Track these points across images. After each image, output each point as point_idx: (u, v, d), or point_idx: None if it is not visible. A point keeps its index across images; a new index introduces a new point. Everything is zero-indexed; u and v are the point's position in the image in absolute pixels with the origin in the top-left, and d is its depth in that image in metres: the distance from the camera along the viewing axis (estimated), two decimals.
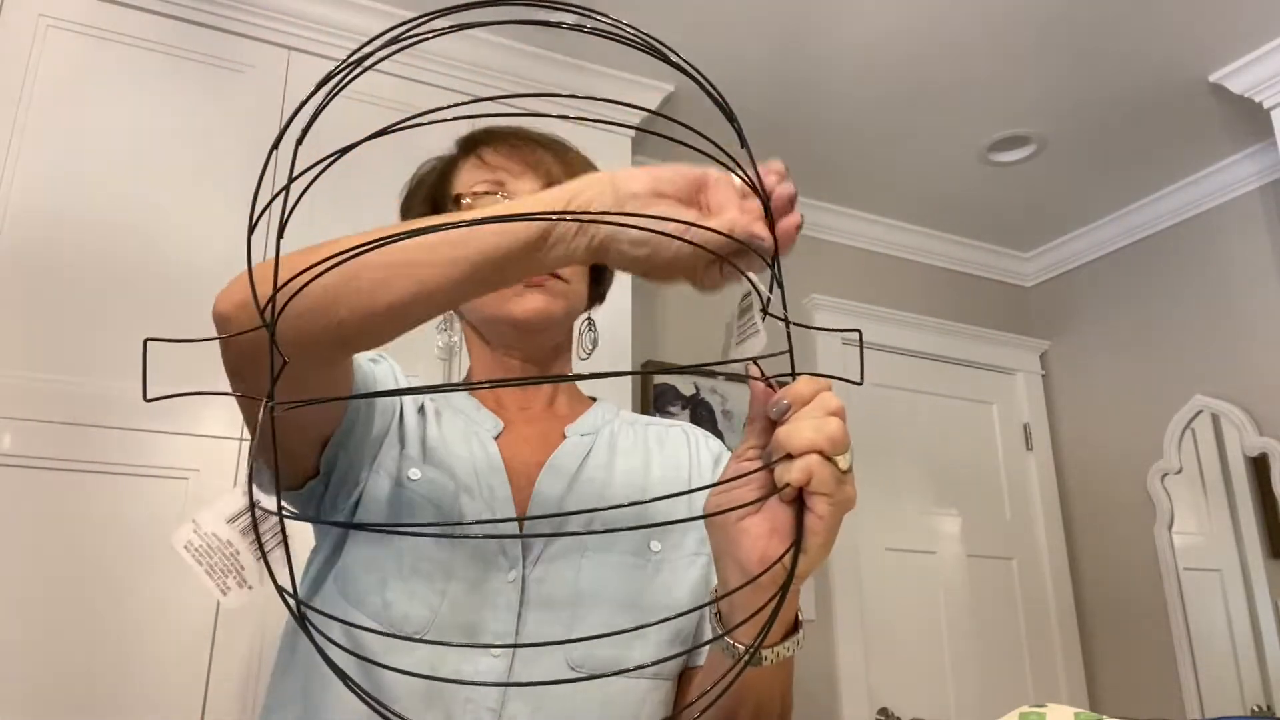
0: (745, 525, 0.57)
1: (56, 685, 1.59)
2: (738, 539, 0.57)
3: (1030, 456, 3.25)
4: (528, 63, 2.34)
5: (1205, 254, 2.89)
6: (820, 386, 0.55)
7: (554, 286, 0.86)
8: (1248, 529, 2.70)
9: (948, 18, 2.25)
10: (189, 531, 0.55)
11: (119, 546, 1.68)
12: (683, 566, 0.83)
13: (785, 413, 0.54)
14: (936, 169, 2.88)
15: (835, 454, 0.53)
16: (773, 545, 0.56)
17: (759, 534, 0.56)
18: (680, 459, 0.92)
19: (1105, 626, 3.04)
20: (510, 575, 0.79)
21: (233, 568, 0.55)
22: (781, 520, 0.55)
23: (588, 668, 0.76)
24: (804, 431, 0.53)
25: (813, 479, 0.52)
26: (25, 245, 1.76)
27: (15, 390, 1.68)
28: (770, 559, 0.55)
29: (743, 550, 0.57)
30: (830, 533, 0.54)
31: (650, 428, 0.95)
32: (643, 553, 0.83)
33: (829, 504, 0.53)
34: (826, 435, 0.53)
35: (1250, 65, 2.35)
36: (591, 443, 0.90)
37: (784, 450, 0.53)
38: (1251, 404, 2.69)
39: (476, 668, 0.75)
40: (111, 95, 1.91)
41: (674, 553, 0.84)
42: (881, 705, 2.73)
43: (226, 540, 0.55)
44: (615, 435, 0.92)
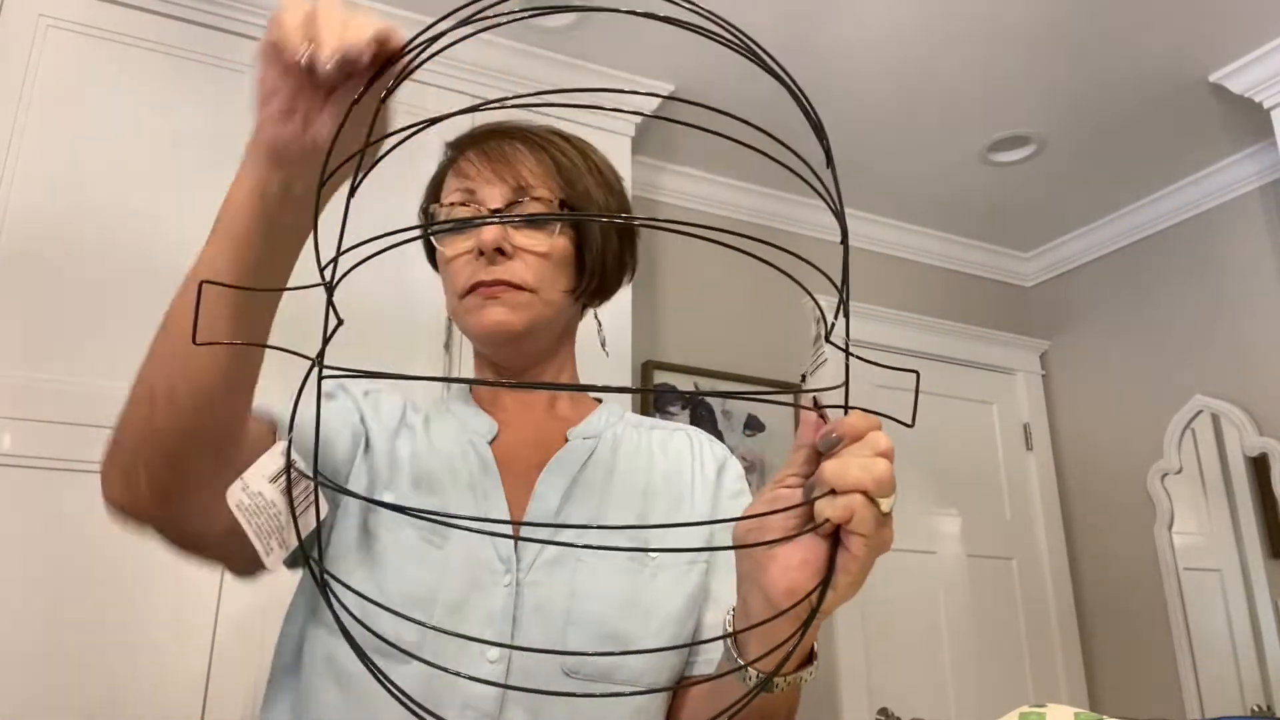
0: (775, 553, 0.56)
1: (56, 686, 1.59)
2: (766, 565, 0.56)
3: (1030, 456, 3.25)
4: (530, 63, 2.34)
5: (1205, 254, 2.89)
6: (872, 424, 0.54)
7: (512, 298, 0.83)
8: (1248, 529, 2.70)
9: (948, 18, 2.25)
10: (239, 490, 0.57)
11: (119, 546, 1.68)
12: (681, 573, 0.83)
13: (835, 446, 0.54)
14: (936, 169, 2.88)
15: (880, 496, 0.52)
16: (802, 577, 0.55)
17: (789, 564, 0.55)
18: (683, 464, 0.91)
19: (1105, 626, 3.04)
20: (505, 580, 0.78)
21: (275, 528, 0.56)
22: (814, 554, 0.55)
23: (583, 674, 0.76)
24: (852, 469, 0.52)
25: (854, 518, 0.52)
26: (25, 245, 1.76)
27: (15, 390, 1.68)
28: (797, 590, 0.55)
29: (769, 577, 0.56)
30: (863, 573, 0.53)
31: (655, 431, 0.94)
32: (639, 557, 0.82)
33: (866, 545, 0.52)
34: (874, 476, 0.52)
35: (1250, 65, 2.35)
36: (594, 446, 0.89)
37: (828, 485, 0.52)
38: (1251, 404, 2.69)
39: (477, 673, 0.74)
40: (111, 95, 1.91)
41: (672, 558, 0.83)
42: (881, 705, 2.73)
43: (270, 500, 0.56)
44: (619, 439, 0.91)
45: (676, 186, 2.89)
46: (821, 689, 2.67)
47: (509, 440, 0.87)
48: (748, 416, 2.78)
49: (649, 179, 2.82)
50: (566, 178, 0.88)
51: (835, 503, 0.52)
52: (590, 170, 0.91)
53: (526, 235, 0.85)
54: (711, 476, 0.91)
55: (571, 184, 0.88)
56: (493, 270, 0.83)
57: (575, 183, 0.88)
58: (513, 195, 0.85)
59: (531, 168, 0.87)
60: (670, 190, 2.89)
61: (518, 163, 0.87)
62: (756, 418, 2.78)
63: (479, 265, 0.84)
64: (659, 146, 2.76)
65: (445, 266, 0.87)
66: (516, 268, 0.84)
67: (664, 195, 2.88)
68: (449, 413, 0.91)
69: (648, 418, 0.99)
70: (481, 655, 0.76)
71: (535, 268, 0.84)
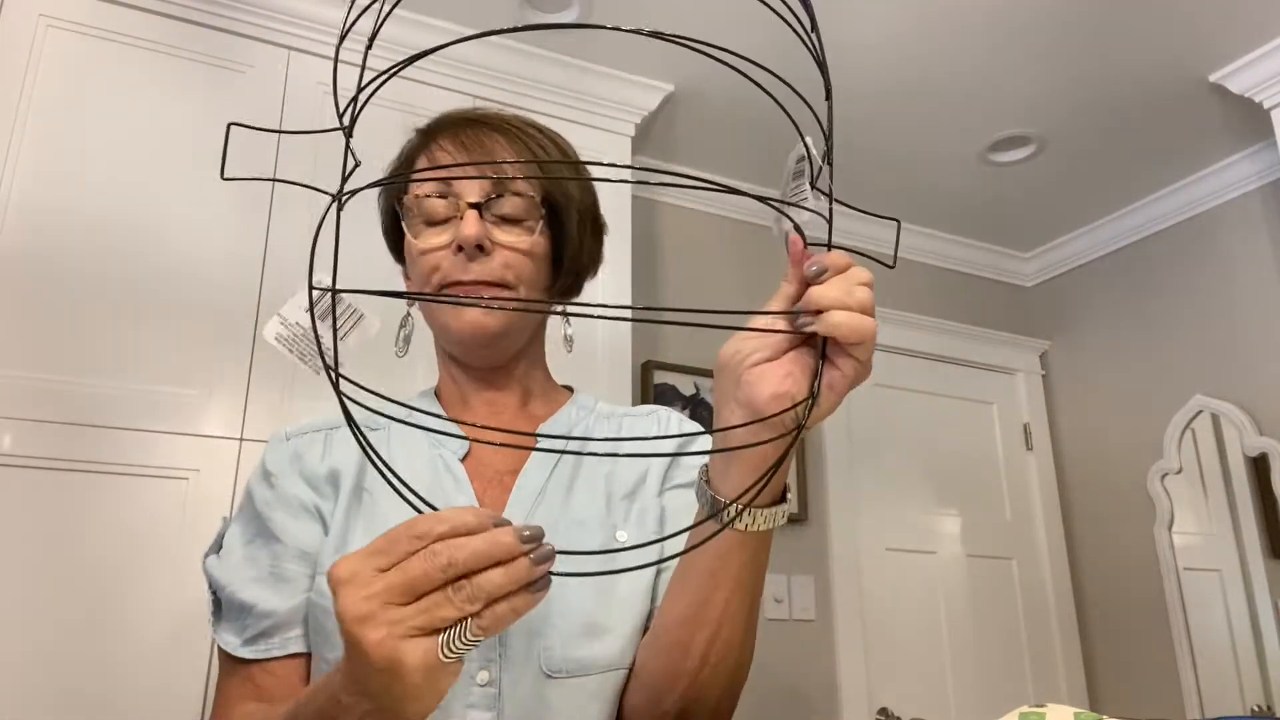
0: (759, 370, 0.60)
1: (56, 685, 1.59)
2: (750, 381, 0.60)
3: (1030, 456, 3.25)
4: (530, 63, 2.34)
5: (1205, 254, 2.89)
6: (852, 260, 0.59)
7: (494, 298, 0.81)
8: (1248, 529, 2.70)
9: (948, 18, 2.25)
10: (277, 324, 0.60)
11: (119, 546, 1.68)
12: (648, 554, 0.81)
13: (821, 275, 0.58)
14: (936, 169, 2.88)
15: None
16: (789, 385, 0.59)
17: (775, 375, 0.59)
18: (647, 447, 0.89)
19: (1105, 626, 3.04)
20: None
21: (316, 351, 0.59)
22: (799, 366, 0.59)
23: (565, 671, 0.75)
24: (841, 294, 0.56)
25: (851, 333, 0.56)
26: (25, 245, 1.76)
27: (15, 390, 1.68)
28: (783, 394, 0.59)
29: (754, 390, 0.59)
30: (846, 391, 0.58)
31: (625, 419, 0.92)
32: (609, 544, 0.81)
33: (855, 365, 0.57)
34: (859, 300, 0.56)
35: (1250, 65, 2.35)
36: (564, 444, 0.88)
37: (816, 306, 0.57)
38: (1251, 404, 2.69)
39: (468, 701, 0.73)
40: (111, 95, 1.91)
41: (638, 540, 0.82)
42: (881, 705, 2.73)
43: (307, 328, 0.60)
44: (589, 433, 0.89)
45: None
46: (821, 689, 2.67)
47: (480, 447, 0.85)
48: None
49: (649, 179, 2.82)
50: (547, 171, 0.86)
51: (829, 317, 0.56)
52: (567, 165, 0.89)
53: (507, 232, 0.82)
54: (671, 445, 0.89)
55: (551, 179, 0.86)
56: (471, 269, 0.80)
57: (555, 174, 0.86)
58: (492, 188, 0.82)
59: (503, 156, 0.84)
60: (670, 190, 2.89)
61: (495, 154, 0.83)
62: None
63: (456, 261, 0.80)
64: (659, 146, 2.76)
65: (416, 259, 0.83)
66: (495, 266, 0.80)
67: (664, 195, 2.88)
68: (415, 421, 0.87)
69: (621, 406, 0.96)
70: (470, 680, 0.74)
71: (516, 265, 0.81)
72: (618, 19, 2.25)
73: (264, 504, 0.82)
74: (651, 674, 0.75)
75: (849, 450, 2.93)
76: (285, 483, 0.82)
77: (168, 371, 1.80)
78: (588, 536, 0.80)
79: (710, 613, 0.69)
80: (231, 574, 0.79)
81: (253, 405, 1.83)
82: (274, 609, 0.77)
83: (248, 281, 1.90)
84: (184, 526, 1.72)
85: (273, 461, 0.84)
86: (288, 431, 0.87)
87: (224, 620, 0.79)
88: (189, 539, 1.71)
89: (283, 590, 0.78)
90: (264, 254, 1.93)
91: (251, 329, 1.88)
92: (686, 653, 0.71)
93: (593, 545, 0.80)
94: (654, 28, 0.52)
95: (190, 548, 1.70)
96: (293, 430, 0.87)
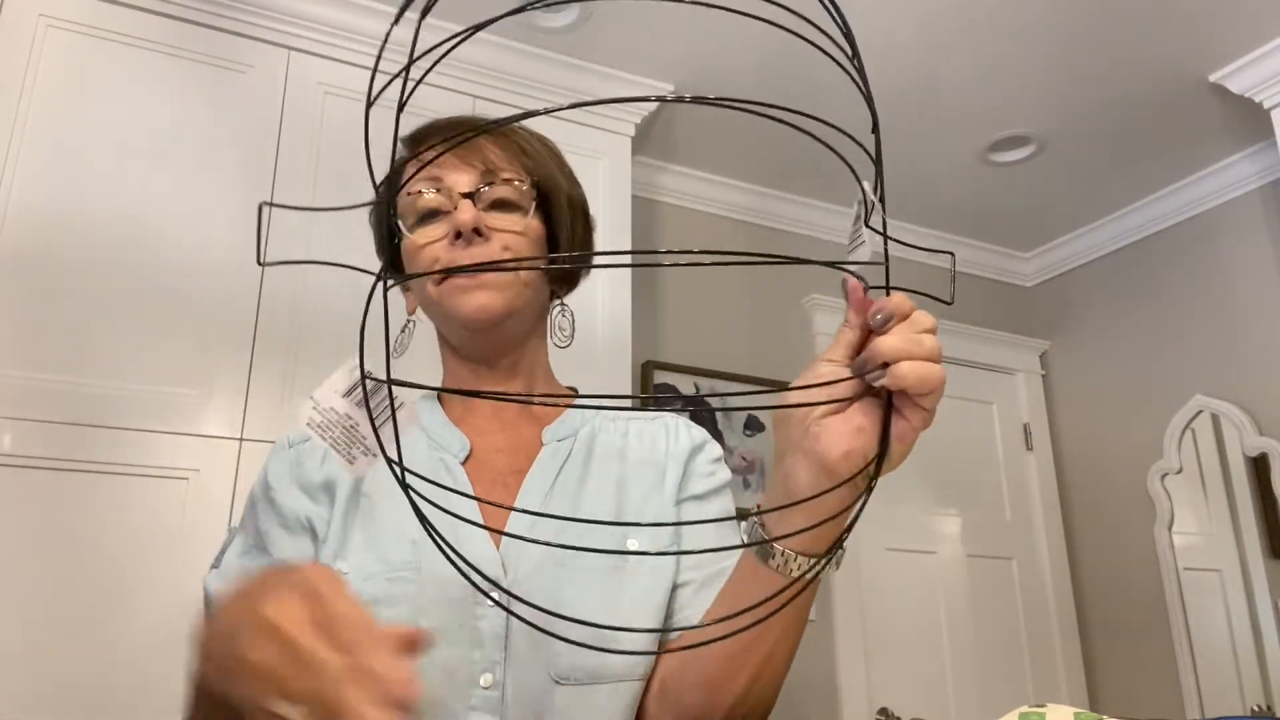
0: (828, 422, 0.59)
1: (56, 685, 1.59)
2: (819, 434, 0.59)
3: (1030, 456, 3.25)
4: (530, 63, 2.34)
5: (1205, 254, 2.89)
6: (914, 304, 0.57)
7: (497, 280, 0.82)
8: (1248, 529, 2.70)
9: (948, 18, 2.25)
10: (309, 409, 0.59)
11: (119, 546, 1.68)
12: (664, 563, 0.82)
13: (888, 323, 0.56)
14: (936, 169, 2.88)
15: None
16: (860, 442, 0.58)
17: (845, 431, 0.58)
18: (657, 452, 0.89)
19: (1105, 626, 3.04)
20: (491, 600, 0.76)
21: (355, 439, 0.59)
22: (869, 420, 0.58)
23: (573, 679, 0.74)
24: (907, 343, 0.55)
25: (920, 385, 0.55)
26: (25, 245, 1.76)
27: (15, 390, 1.68)
28: (855, 454, 0.57)
29: (824, 444, 0.58)
30: (914, 441, 0.57)
31: (632, 422, 0.92)
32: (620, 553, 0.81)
33: (924, 415, 0.56)
34: (926, 349, 0.55)
35: (1250, 65, 2.35)
36: (569, 448, 0.87)
37: (884, 358, 0.55)
38: (1251, 404, 2.69)
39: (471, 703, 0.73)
40: (111, 95, 1.91)
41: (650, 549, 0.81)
42: (881, 705, 2.73)
43: (345, 414, 0.59)
44: (594, 435, 0.89)
45: (676, 186, 2.89)
46: (821, 689, 2.67)
47: (482, 448, 0.85)
48: (748, 417, 2.78)
49: (649, 179, 2.82)
50: (533, 159, 0.87)
51: (899, 370, 0.54)
52: (551, 156, 0.90)
53: (502, 216, 0.83)
54: (683, 457, 0.88)
55: (538, 165, 0.87)
56: (470, 253, 0.81)
57: (541, 164, 0.87)
58: (481, 179, 0.83)
59: (497, 152, 0.85)
60: (670, 190, 2.89)
61: (483, 148, 0.85)
62: (756, 418, 2.78)
63: (455, 249, 0.81)
64: (659, 147, 2.76)
65: (415, 254, 0.84)
66: (493, 250, 0.82)
67: (664, 195, 2.88)
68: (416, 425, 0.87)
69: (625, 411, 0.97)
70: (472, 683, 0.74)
71: (513, 247, 0.82)
72: (615, 20, 2.25)
73: (262, 518, 0.83)
74: (687, 706, 0.75)
75: None
76: (282, 496, 0.83)
77: (168, 371, 1.80)
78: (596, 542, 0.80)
79: (756, 655, 0.70)
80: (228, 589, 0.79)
81: (253, 405, 1.83)
82: None
83: (248, 281, 1.90)
84: (184, 526, 1.72)
85: (273, 473, 0.85)
86: (290, 439, 0.87)
87: None
88: (189, 539, 1.71)
89: None
90: (264, 254, 1.93)
91: (251, 329, 1.88)
92: (728, 691, 0.71)
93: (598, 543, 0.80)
94: (654, 28, 0.52)
95: (190, 548, 1.70)
96: (295, 437, 0.87)
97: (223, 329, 1.85)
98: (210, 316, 1.85)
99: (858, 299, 0.58)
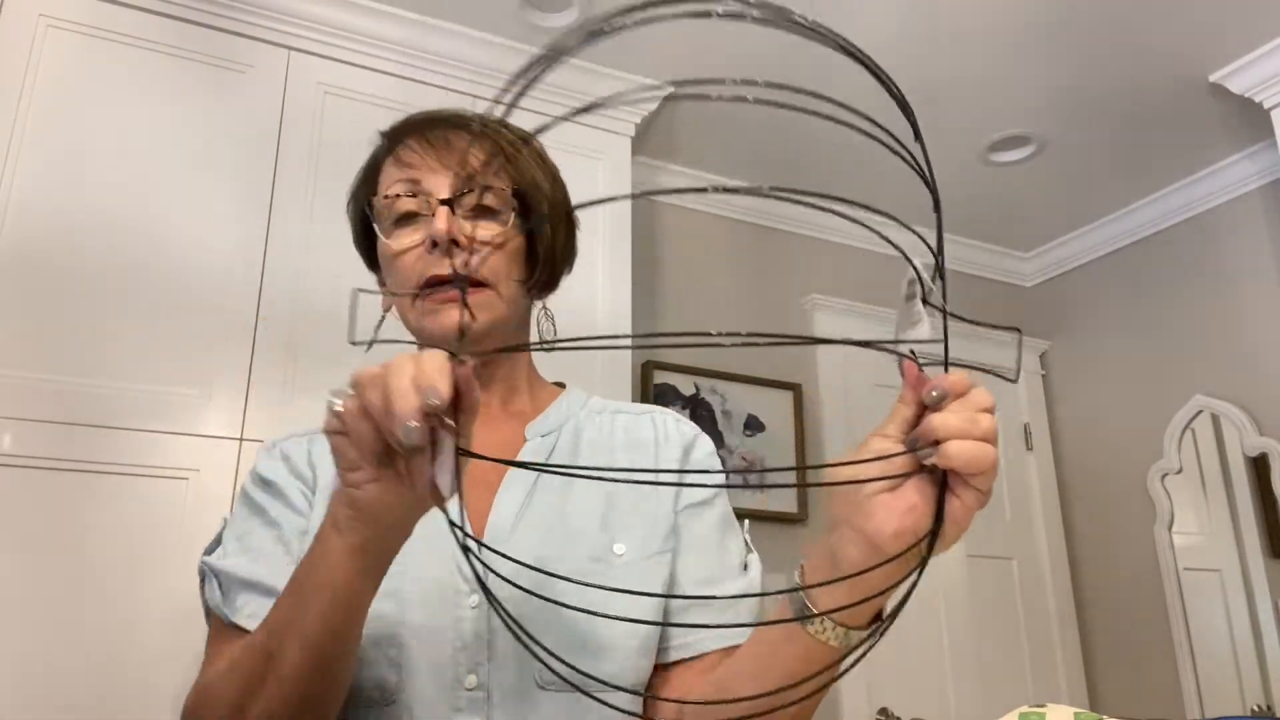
0: (880, 499, 0.58)
1: (55, 685, 1.59)
2: (871, 511, 0.57)
3: (1030, 456, 3.25)
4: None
5: (1205, 254, 2.89)
6: (971, 382, 0.57)
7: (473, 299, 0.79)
8: (1248, 529, 2.70)
9: (948, 18, 2.25)
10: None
11: (119, 546, 1.68)
12: (650, 568, 0.80)
13: (942, 400, 0.56)
14: (936, 169, 2.84)
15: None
16: (912, 521, 0.57)
17: (897, 509, 0.57)
18: (647, 454, 0.86)
19: (1105, 626, 3.04)
20: (473, 600, 0.75)
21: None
22: (923, 500, 0.57)
23: (557, 685, 0.73)
24: (961, 421, 0.54)
25: (971, 465, 0.54)
26: (26, 245, 1.76)
27: (15, 390, 1.68)
28: (907, 534, 0.56)
29: (876, 522, 0.57)
30: (969, 522, 0.56)
31: (619, 416, 0.90)
32: (605, 557, 0.78)
33: (977, 495, 0.55)
34: (982, 429, 0.55)
35: (1250, 65, 2.35)
36: (554, 443, 0.86)
37: (935, 435, 0.54)
38: (1251, 404, 2.69)
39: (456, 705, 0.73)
40: (111, 95, 1.91)
41: (638, 553, 0.80)
42: (881, 705, 2.73)
43: None
44: (580, 430, 0.87)
45: (677, 186, 2.89)
46: None
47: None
48: (748, 416, 2.77)
49: (649, 179, 2.82)
50: (514, 163, 0.84)
51: (951, 450, 0.54)
52: (535, 158, 0.87)
53: (481, 225, 0.81)
54: (676, 458, 0.86)
55: (520, 170, 0.84)
56: (446, 264, 0.79)
57: (524, 169, 0.84)
58: (461, 184, 0.81)
59: (478, 155, 0.83)
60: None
61: (463, 150, 0.82)
62: (756, 418, 2.78)
63: (431, 258, 0.79)
64: (659, 147, 2.76)
65: (391, 262, 0.83)
66: (471, 260, 0.80)
67: (664, 195, 2.87)
68: None
69: (614, 401, 0.94)
70: (458, 684, 0.73)
71: (490, 260, 0.80)
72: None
73: (261, 499, 0.83)
74: None
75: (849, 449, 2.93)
76: (279, 480, 0.83)
77: (168, 371, 1.80)
78: (580, 547, 0.78)
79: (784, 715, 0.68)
80: (231, 562, 0.79)
81: (252, 405, 1.83)
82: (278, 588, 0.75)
83: (248, 281, 1.90)
84: (184, 526, 1.72)
85: (265, 466, 0.85)
86: (274, 440, 0.88)
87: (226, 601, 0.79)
88: (189, 539, 1.71)
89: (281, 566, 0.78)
90: (264, 254, 1.93)
91: (251, 329, 1.88)
92: None
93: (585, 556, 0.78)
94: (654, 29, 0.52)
95: (190, 548, 1.69)
96: (279, 439, 0.88)
97: (223, 329, 1.85)
98: (210, 316, 1.85)
99: (913, 375, 0.58)
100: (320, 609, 0.63)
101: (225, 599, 0.78)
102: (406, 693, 0.73)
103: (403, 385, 0.52)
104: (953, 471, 0.55)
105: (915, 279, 0.55)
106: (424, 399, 0.51)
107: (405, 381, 0.52)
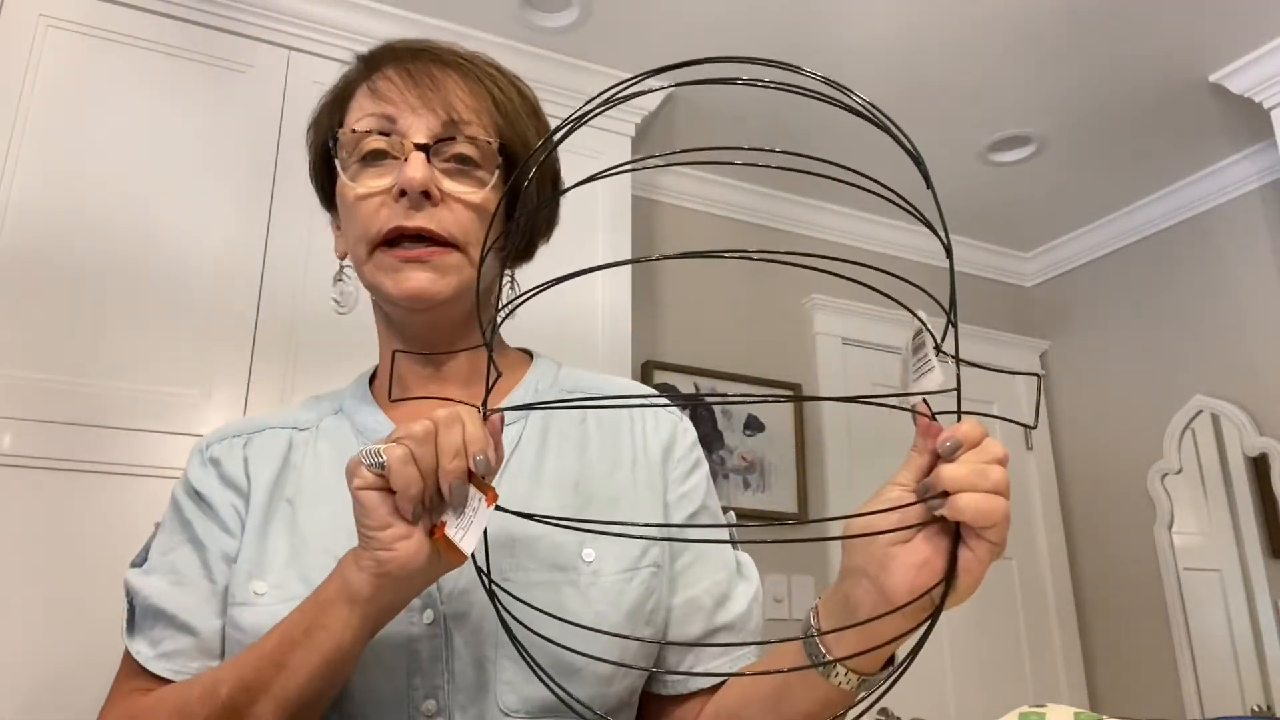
0: (894, 552, 0.57)
1: (56, 686, 1.59)
2: (886, 563, 0.57)
3: (1030, 457, 3.24)
4: (530, 63, 2.34)
5: (1205, 254, 2.89)
6: (985, 431, 0.56)
7: (441, 262, 0.72)
8: (1248, 529, 2.70)
9: (947, 18, 2.25)
10: None
11: (119, 546, 1.68)
12: (621, 582, 0.71)
13: (955, 451, 0.55)
14: (936, 169, 2.88)
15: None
16: (925, 577, 0.56)
17: (910, 563, 0.57)
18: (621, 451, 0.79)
19: (1105, 626, 3.04)
20: (426, 617, 0.69)
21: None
22: (937, 554, 0.56)
23: (524, 712, 0.68)
24: (971, 474, 0.54)
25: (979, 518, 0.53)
26: (25, 245, 1.76)
27: (15, 390, 1.68)
28: (919, 589, 0.56)
29: (891, 575, 0.57)
30: (983, 574, 0.56)
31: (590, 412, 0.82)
32: (572, 566, 0.70)
33: (988, 547, 0.55)
34: (993, 481, 0.54)
35: (1250, 65, 2.35)
36: (519, 434, 0.77)
37: (944, 486, 0.54)
38: (1251, 404, 2.69)
39: None
40: (111, 95, 1.91)
41: (610, 563, 0.71)
42: (881, 705, 2.73)
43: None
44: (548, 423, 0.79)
45: (676, 186, 2.89)
46: None
47: None
48: (747, 416, 2.77)
49: (649, 179, 2.82)
50: (505, 115, 0.76)
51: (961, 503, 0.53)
52: (529, 113, 0.79)
53: (457, 181, 0.73)
54: (657, 459, 0.79)
55: (510, 123, 0.76)
56: (415, 216, 0.71)
57: (514, 123, 0.77)
58: (442, 130, 0.73)
59: (465, 99, 0.74)
60: (670, 190, 2.89)
61: (449, 90, 0.74)
62: (756, 418, 2.78)
63: (398, 208, 0.71)
64: (659, 146, 2.76)
65: (352, 206, 0.74)
66: (443, 216, 0.72)
67: (664, 195, 2.88)
68: (343, 417, 0.80)
69: (585, 373, 0.86)
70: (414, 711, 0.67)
71: (463, 220, 0.72)
72: (616, 19, 2.25)
73: (190, 513, 0.79)
74: None
75: (849, 450, 2.93)
76: (209, 493, 0.79)
77: (168, 371, 1.80)
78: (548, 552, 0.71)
79: None
80: (151, 583, 0.76)
81: (253, 405, 1.83)
82: (195, 626, 0.73)
83: (248, 282, 1.90)
84: None
85: (195, 475, 0.81)
86: (207, 440, 0.83)
87: (138, 631, 0.75)
88: None
89: (203, 596, 0.74)
90: (264, 254, 1.92)
91: (251, 329, 1.88)
92: None
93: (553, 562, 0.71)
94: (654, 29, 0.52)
95: None
96: (212, 438, 0.82)
97: (223, 329, 1.85)
98: (210, 316, 1.85)
99: (925, 424, 0.57)
100: (310, 673, 0.61)
101: (139, 629, 0.75)
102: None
103: (456, 443, 0.55)
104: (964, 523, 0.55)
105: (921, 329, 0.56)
106: (473, 460, 0.55)
107: (458, 440, 0.55)
